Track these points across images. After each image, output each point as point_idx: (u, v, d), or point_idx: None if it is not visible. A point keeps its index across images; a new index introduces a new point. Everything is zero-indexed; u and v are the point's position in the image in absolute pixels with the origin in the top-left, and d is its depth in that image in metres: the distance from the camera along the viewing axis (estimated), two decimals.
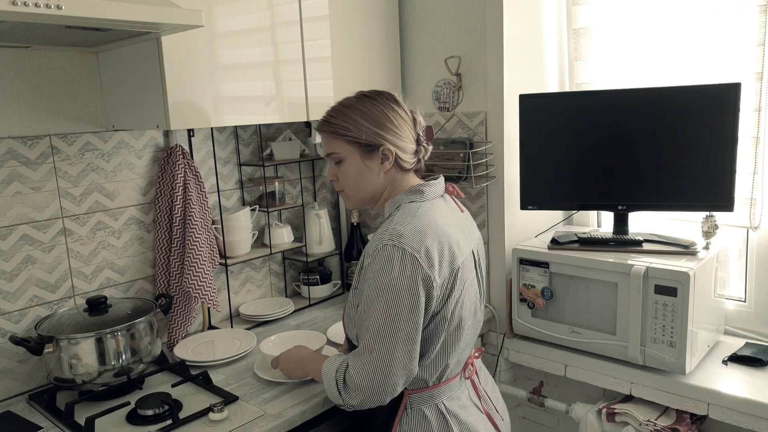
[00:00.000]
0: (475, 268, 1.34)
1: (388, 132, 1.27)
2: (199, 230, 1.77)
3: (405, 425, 1.29)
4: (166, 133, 1.83)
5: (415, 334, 1.19)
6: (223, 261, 1.90)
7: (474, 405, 1.36)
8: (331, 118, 1.30)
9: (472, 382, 1.38)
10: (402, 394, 1.28)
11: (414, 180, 1.34)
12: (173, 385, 1.48)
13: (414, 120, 1.32)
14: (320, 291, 2.20)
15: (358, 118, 1.27)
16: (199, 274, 1.75)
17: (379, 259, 1.19)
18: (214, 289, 1.79)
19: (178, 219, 1.76)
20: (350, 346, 1.36)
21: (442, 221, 1.25)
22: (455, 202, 1.39)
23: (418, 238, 1.19)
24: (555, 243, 1.85)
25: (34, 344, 1.42)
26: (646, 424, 1.58)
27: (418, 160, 1.34)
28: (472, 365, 1.38)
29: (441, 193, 1.34)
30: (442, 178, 1.36)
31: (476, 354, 1.41)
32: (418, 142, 1.32)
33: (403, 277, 1.16)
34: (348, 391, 1.23)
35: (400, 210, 1.27)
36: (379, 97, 1.31)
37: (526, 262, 1.84)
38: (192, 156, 1.86)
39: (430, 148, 1.37)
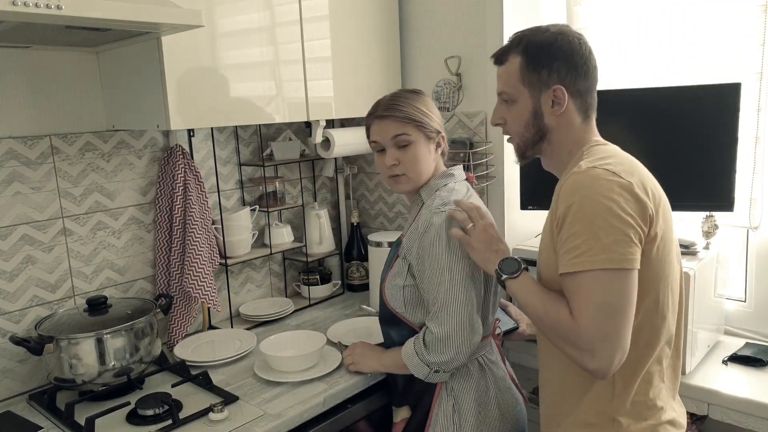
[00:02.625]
0: None
1: (439, 124, 1.47)
2: (199, 230, 1.77)
3: (449, 379, 1.40)
4: (166, 133, 1.83)
5: (479, 282, 1.38)
6: (223, 261, 1.90)
7: (502, 363, 1.50)
8: (397, 108, 1.42)
9: (497, 343, 1.52)
10: None
11: (443, 166, 1.51)
12: (173, 385, 1.48)
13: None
14: (320, 291, 2.20)
15: (423, 109, 1.44)
16: (199, 274, 1.75)
17: (434, 226, 1.36)
18: (214, 289, 1.79)
19: (178, 219, 1.76)
20: (387, 319, 1.48)
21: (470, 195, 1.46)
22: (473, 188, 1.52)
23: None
24: None
25: (34, 344, 1.42)
26: None
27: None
28: (495, 328, 1.51)
29: (464, 177, 1.50)
30: (460, 165, 1.53)
31: (497, 319, 1.53)
32: None
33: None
34: (431, 349, 1.35)
35: (439, 191, 1.43)
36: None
37: (526, 262, 1.84)
38: (192, 156, 1.86)
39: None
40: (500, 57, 1.22)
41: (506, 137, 1.27)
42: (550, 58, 1.14)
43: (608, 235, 1.00)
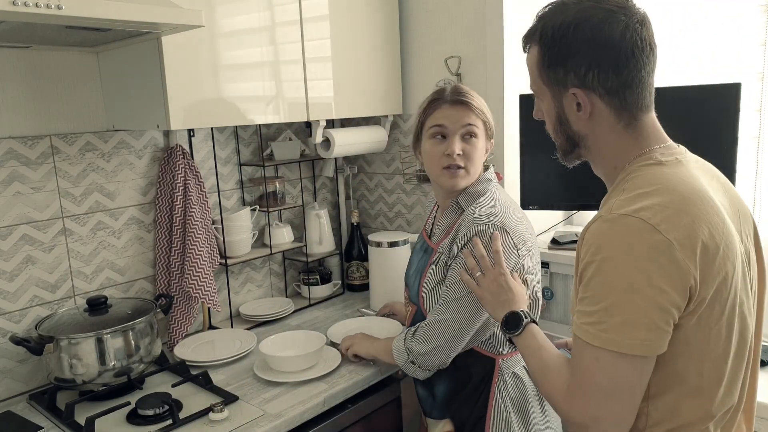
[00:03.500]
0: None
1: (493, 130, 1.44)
2: (199, 230, 1.76)
3: (502, 389, 1.38)
4: (166, 133, 1.83)
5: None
6: (223, 261, 1.90)
7: None
8: (473, 98, 1.39)
9: None
10: (493, 361, 1.39)
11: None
12: (173, 385, 1.48)
13: None
14: (320, 291, 2.20)
15: (488, 109, 1.42)
16: (199, 274, 1.75)
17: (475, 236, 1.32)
18: (214, 289, 1.79)
19: (178, 219, 1.76)
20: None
21: (511, 203, 1.43)
22: None
23: (506, 214, 1.35)
24: (555, 243, 1.85)
25: (34, 344, 1.42)
26: None
27: None
28: None
29: (497, 180, 1.48)
30: (491, 167, 1.48)
31: None
32: None
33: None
34: (416, 340, 1.37)
35: (481, 198, 1.39)
36: None
37: None
38: (192, 156, 1.86)
39: None
40: (523, 43, 1.01)
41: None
42: (565, 53, 0.92)
43: (624, 312, 0.83)
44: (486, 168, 1.46)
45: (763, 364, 1.58)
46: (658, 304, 0.83)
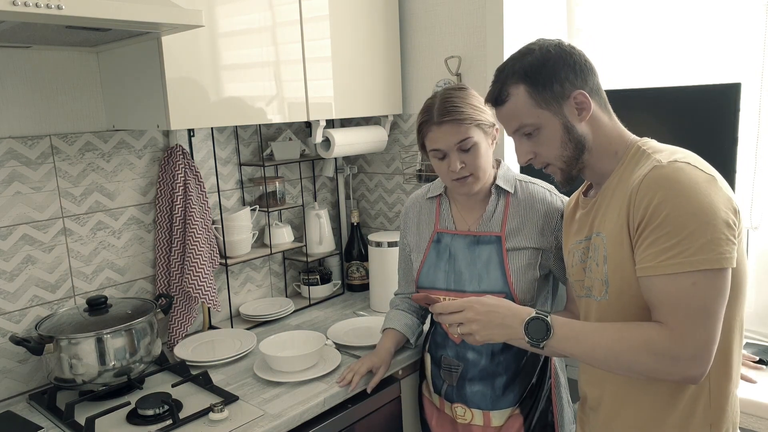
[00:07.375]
0: None
1: (493, 116, 1.40)
2: (199, 230, 1.77)
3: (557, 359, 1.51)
4: (166, 133, 1.83)
5: None
6: (223, 261, 1.90)
7: None
8: (460, 111, 1.37)
9: None
10: None
11: None
12: (173, 385, 1.48)
13: None
14: (320, 291, 2.20)
15: (478, 105, 1.40)
16: (200, 274, 1.75)
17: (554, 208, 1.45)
18: (214, 289, 1.79)
19: (178, 219, 1.76)
20: None
21: None
22: None
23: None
24: None
25: (34, 344, 1.42)
26: None
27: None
28: None
29: None
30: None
31: None
32: None
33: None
34: None
35: (526, 177, 1.50)
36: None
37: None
38: (192, 156, 1.86)
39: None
40: (499, 96, 1.14)
41: (543, 169, 1.18)
42: (554, 69, 1.08)
43: (705, 234, 0.94)
44: (498, 161, 1.51)
45: (762, 363, 1.58)
46: (725, 222, 0.95)
